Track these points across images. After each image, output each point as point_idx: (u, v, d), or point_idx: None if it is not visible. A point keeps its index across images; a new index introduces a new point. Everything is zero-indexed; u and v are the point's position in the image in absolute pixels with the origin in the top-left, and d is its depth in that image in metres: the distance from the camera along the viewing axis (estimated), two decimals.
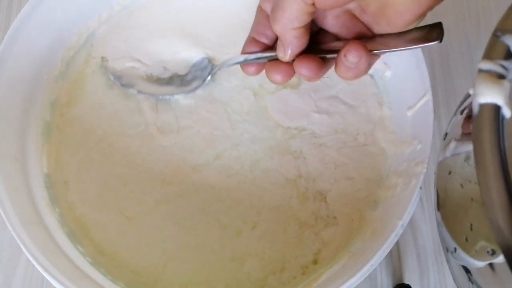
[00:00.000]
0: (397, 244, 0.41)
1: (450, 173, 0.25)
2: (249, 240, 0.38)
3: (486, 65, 0.21)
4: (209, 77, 0.41)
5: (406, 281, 0.41)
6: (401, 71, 0.40)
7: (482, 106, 0.20)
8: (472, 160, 0.21)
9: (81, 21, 0.42)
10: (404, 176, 0.36)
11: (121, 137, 0.41)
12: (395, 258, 0.41)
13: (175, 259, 0.38)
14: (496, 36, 0.21)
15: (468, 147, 0.24)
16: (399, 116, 0.40)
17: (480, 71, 0.21)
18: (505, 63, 0.21)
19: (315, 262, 0.37)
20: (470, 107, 0.25)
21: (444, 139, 0.27)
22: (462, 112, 0.27)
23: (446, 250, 0.25)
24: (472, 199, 0.23)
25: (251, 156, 0.40)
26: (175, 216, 0.39)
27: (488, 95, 0.20)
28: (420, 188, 0.34)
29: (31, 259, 0.32)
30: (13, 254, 0.41)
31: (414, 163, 0.35)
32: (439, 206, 0.27)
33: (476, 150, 0.19)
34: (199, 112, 0.42)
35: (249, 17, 0.34)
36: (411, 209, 0.33)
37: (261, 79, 0.42)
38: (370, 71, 0.43)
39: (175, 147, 0.41)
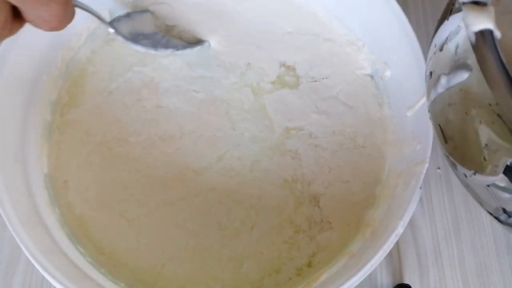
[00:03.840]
0: (397, 244, 0.41)
1: (449, 105, 0.27)
2: (248, 241, 0.38)
3: None
4: None
5: (406, 281, 0.41)
6: (401, 71, 0.40)
7: (477, 34, 0.22)
8: (470, 88, 0.24)
9: (81, 21, 0.42)
10: (404, 176, 0.36)
11: (121, 143, 0.41)
12: (395, 258, 0.41)
13: (174, 259, 0.38)
14: None
15: (461, 77, 0.25)
16: (399, 116, 0.40)
17: (464, 3, 0.23)
18: None
19: (309, 265, 0.37)
20: (446, 42, 0.28)
21: (430, 77, 0.29)
22: (441, 49, 0.28)
23: (465, 176, 0.27)
24: (480, 121, 0.25)
25: (251, 156, 0.40)
26: (175, 218, 0.39)
27: (480, 22, 0.22)
28: (420, 188, 0.34)
29: (31, 259, 0.32)
30: (13, 254, 0.41)
31: (414, 163, 0.35)
32: (446, 138, 0.28)
33: (486, 74, 0.21)
34: (201, 116, 0.42)
35: None
36: (411, 209, 0.33)
37: (258, 77, 0.43)
38: (370, 71, 0.43)
39: (177, 153, 0.40)
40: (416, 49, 0.37)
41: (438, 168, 0.44)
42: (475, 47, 0.22)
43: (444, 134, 0.29)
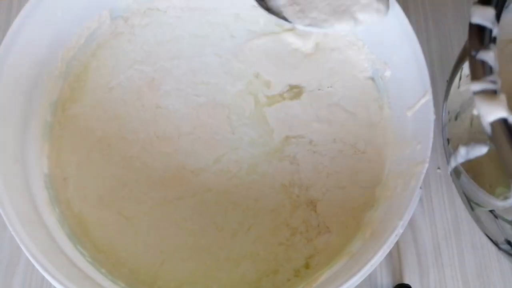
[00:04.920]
0: (397, 244, 0.41)
1: (473, 177, 0.28)
2: (244, 242, 0.38)
3: (478, 86, 0.23)
4: None
5: (406, 281, 0.41)
6: (401, 71, 0.40)
7: (492, 124, 0.22)
8: (490, 161, 0.25)
9: (81, 21, 0.42)
10: (404, 176, 0.36)
11: (120, 140, 0.41)
12: (395, 258, 0.41)
13: (172, 258, 0.38)
14: (471, 56, 0.23)
15: (480, 151, 0.26)
16: (399, 116, 0.40)
17: (475, 93, 0.23)
18: (492, 77, 0.23)
19: (307, 266, 0.37)
20: (460, 113, 0.28)
21: (448, 144, 0.29)
22: (456, 118, 0.28)
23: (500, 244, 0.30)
24: (505, 198, 0.26)
25: (248, 159, 0.40)
26: (172, 217, 0.39)
27: (493, 113, 0.22)
28: (420, 188, 0.34)
29: (31, 259, 0.32)
30: (13, 254, 0.41)
31: (414, 163, 0.35)
32: (473, 207, 0.30)
33: (506, 165, 0.22)
34: (200, 118, 0.42)
35: None
36: (411, 209, 0.33)
37: (263, 87, 0.43)
38: (371, 73, 0.43)
39: (175, 153, 0.40)
40: (416, 49, 0.37)
41: (438, 168, 0.44)
42: (492, 138, 0.22)
43: (470, 203, 0.30)
